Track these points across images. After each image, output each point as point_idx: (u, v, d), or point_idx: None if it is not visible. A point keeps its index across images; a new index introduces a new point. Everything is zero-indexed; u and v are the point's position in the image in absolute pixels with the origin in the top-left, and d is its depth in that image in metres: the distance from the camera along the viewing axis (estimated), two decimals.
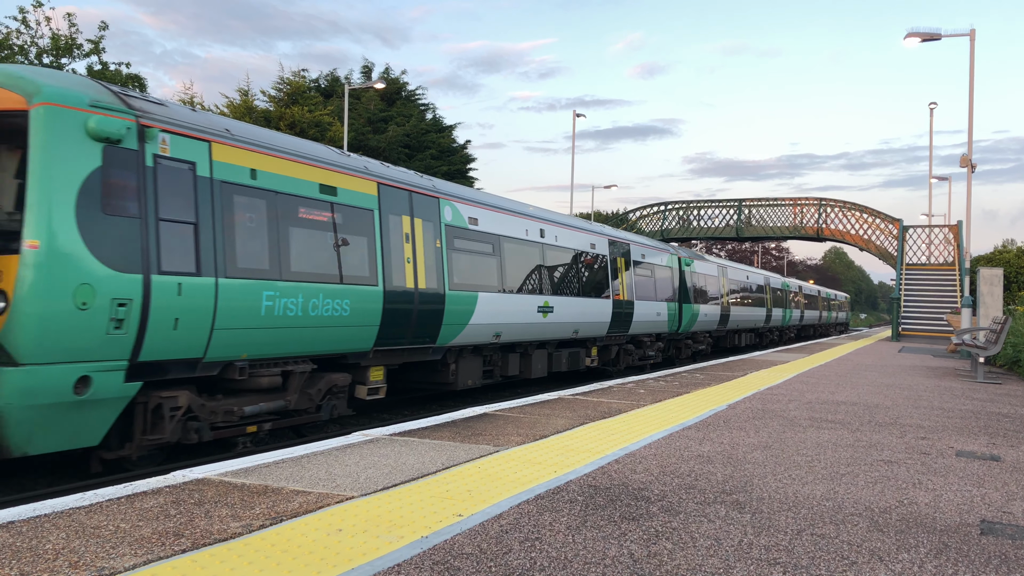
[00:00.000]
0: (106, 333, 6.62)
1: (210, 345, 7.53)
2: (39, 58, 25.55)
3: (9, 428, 6.07)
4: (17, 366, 6.09)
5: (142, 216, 6.96)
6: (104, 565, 3.36)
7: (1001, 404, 10.35)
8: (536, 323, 13.87)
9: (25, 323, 6.12)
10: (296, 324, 8.49)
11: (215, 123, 8.07)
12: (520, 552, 3.65)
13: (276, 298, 8.21)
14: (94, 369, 6.58)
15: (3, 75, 6.68)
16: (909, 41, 24.02)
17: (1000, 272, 23.33)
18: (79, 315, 6.41)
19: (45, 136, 6.40)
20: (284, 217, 8.55)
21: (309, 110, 35.44)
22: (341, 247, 9.30)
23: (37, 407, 6.21)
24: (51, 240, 6.28)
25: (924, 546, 3.92)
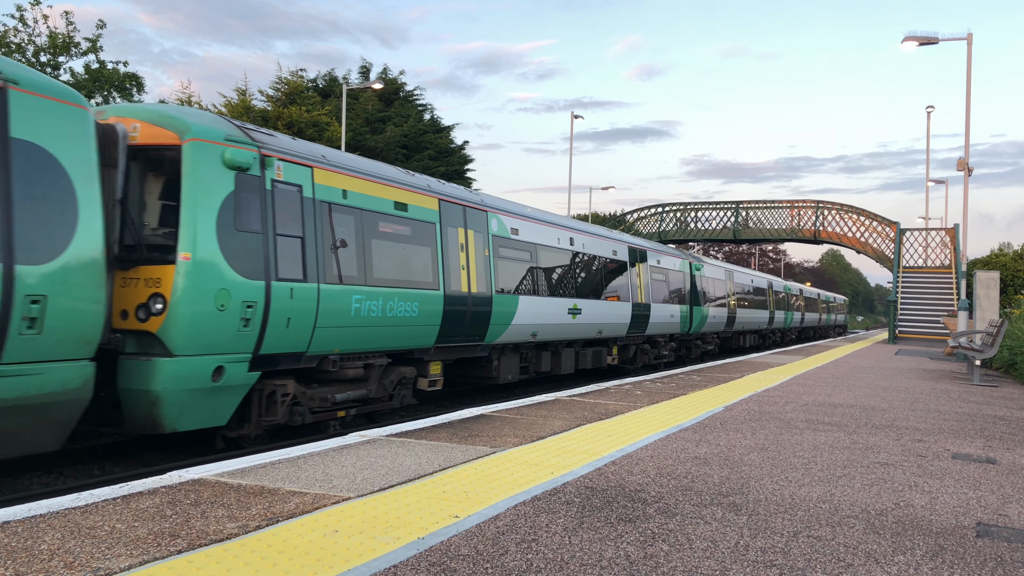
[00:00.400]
0: (237, 330, 7.96)
1: (312, 341, 8.91)
2: (36, 56, 25.51)
3: (164, 408, 7.39)
4: (172, 357, 7.41)
5: (264, 231, 8.34)
6: (100, 566, 3.35)
7: (997, 407, 10.37)
8: (566, 324, 15.19)
9: (179, 322, 7.43)
10: (376, 323, 9.87)
11: (314, 151, 9.43)
12: (517, 554, 3.64)
13: (362, 301, 9.60)
14: (227, 360, 7.93)
15: (159, 115, 7.99)
16: (906, 45, 24.08)
17: (996, 275, 23.36)
18: (218, 315, 7.74)
19: (194, 166, 7.73)
20: (368, 230, 9.94)
21: (307, 110, 35.42)
22: (411, 256, 10.74)
23: (185, 391, 7.55)
24: (199, 252, 7.60)
25: (920, 548, 3.92)
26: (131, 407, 7.45)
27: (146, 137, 7.87)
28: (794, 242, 45.23)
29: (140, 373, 7.40)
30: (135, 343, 7.51)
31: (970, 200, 42.05)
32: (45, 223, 6.28)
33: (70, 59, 26.49)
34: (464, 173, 45.67)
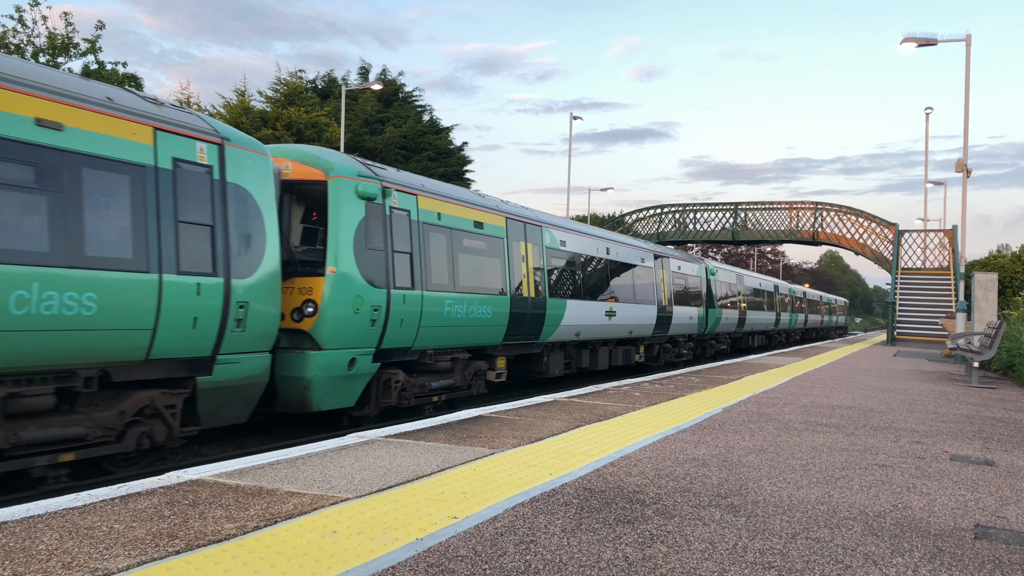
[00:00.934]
0: (366, 329, 9.74)
1: (416, 338, 10.76)
2: (35, 57, 25.50)
3: (314, 392, 9.12)
4: (321, 350, 9.16)
5: (385, 249, 10.16)
6: (97, 566, 3.35)
7: (995, 409, 10.37)
8: (603, 324, 17.04)
9: (327, 322, 9.20)
10: (461, 324, 11.75)
11: (415, 181, 11.43)
12: (515, 555, 3.64)
13: (452, 305, 11.47)
14: (358, 353, 9.70)
15: (307, 155, 9.84)
16: (905, 46, 24.11)
17: (995, 277, 23.39)
18: (354, 317, 9.52)
19: (336, 198, 9.55)
20: (455, 246, 11.86)
21: (306, 111, 35.42)
22: (486, 266, 12.63)
23: (330, 378, 9.30)
24: (341, 266, 9.38)
25: (918, 550, 3.93)
26: (286, 391, 9.13)
27: (297, 174, 9.72)
28: (793, 243, 45.29)
29: (295, 363, 9.11)
30: (289, 339, 9.19)
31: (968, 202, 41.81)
32: (248, 246, 8.16)
33: (69, 60, 26.47)
34: (463, 174, 45.66)
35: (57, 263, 6.31)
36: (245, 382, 8.22)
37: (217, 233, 7.82)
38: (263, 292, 8.27)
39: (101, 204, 6.83)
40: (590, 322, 16.18)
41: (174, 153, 7.53)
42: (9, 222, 6.09)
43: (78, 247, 6.52)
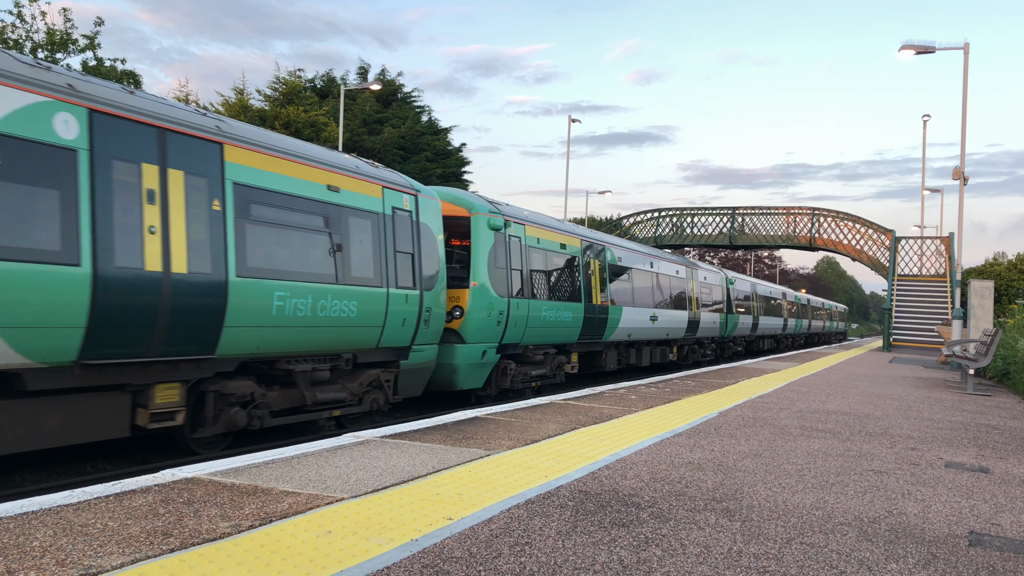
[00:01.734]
0: (493, 328, 12.80)
1: (524, 336, 13.84)
2: (34, 52, 25.45)
3: (459, 375, 12.26)
4: (465, 344, 12.32)
5: (506, 267, 13.28)
6: (91, 563, 3.34)
7: (990, 416, 10.39)
8: (648, 327, 20.14)
9: (470, 323, 12.39)
10: (552, 325, 14.80)
11: (523, 213, 14.55)
12: (510, 557, 3.64)
13: (547, 310, 14.54)
14: (487, 347, 12.81)
15: (455, 197, 13.12)
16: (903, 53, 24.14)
17: (991, 284, 23.44)
18: (487, 319, 12.63)
19: (476, 230, 12.83)
20: (549, 263, 15.04)
21: (304, 110, 35.39)
22: (568, 279, 15.72)
23: (470, 365, 12.45)
24: (479, 280, 12.56)
25: (912, 557, 3.93)
26: (439, 374, 12.16)
27: (448, 211, 12.65)
28: (790, 249, 45.32)
29: (446, 353, 12.18)
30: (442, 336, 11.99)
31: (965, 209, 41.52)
32: (430, 267, 11.32)
33: (67, 56, 26.43)
34: (461, 175, 45.65)
35: (340, 282, 9.44)
36: (425, 365, 11.50)
37: (415, 258, 11.02)
38: (438, 300, 11.51)
39: (357, 241, 9.87)
40: (639, 325, 19.35)
41: (393, 203, 10.71)
42: (317, 255, 9.19)
43: (348, 271, 9.62)
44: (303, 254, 9.00)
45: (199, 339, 7.71)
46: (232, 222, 8.10)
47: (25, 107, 6.37)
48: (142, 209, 7.18)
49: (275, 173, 8.73)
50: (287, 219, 8.85)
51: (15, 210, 6.24)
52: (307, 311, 8.88)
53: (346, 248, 9.60)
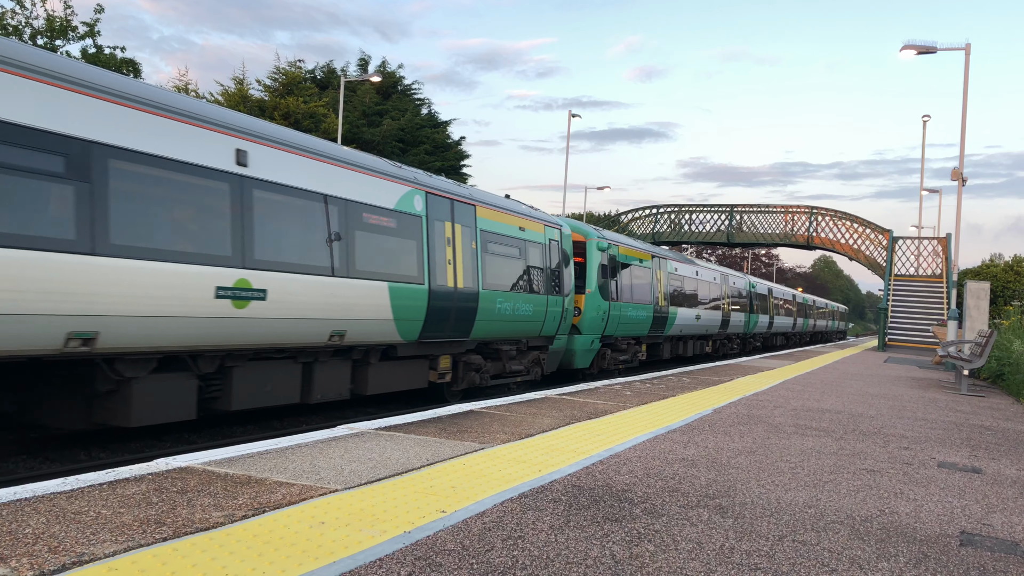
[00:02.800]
0: (599, 324, 17.21)
1: (616, 330, 18.19)
2: (33, 39, 25.35)
3: (576, 357, 16.44)
4: (581, 335, 16.55)
5: (607, 278, 17.64)
6: (84, 551, 3.34)
7: (984, 417, 10.42)
8: (694, 324, 24.81)
9: (585, 320, 16.68)
10: (632, 322, 19.30)
11: (618, 237, 18.99)
12: (503, 550, 3.65)
13: (631, 311, 19.02)
14: (595, 337, 17.18)
15: (576, 227, 17.30)
16: (905, 53, 24.14)
17: (987, 286, 23.47)
18: (596, 317, 17.04)
19: (591, 251, 17.19)
20: (633, 275, 19.38)
21: (304, 101, 35.32)
22: (643, 286, 20.10)
23: (584, 350, 16.68)
24: (592, 288, 16.93)
25: (904, 555, 3.94)
26: (564, 356, 16.34)
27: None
28: (787, 247, 45.35)
29: (569, 341, 16.29)
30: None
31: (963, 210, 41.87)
32: (567, 280, 15.50)
33: (67, 43, 26.35)
34: (460, 169, 45.60)
35: (525, 291, 13.72)
36: (561, 349, 15.91)
37: (561, 274, 15.22)
38: (571, 303, 15.63)
39: (532, 262, 14.21)
40: (688, 323, 23.99)
41: (549, 236, 15.13)
42: (514, 273, 13.53)
43: (529, 283, 13.95)
44: (509, 273, 13.45)
45: (464, 328, 12.10)
46: (480, 255, 12.57)
47: (404, 194, 10.86)
48: (446, 249, 11.62)
49: (496, 222, 13.31)
50: (501, 251, 13.32)
51: (403, 253, 10.64)
52: (510, 311, 13.26)
53: (527, 268, 14.07)
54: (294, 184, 8.84)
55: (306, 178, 9.06)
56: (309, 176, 9.11)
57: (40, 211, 6.36)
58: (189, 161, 7.63)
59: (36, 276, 6.24)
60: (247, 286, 8.07)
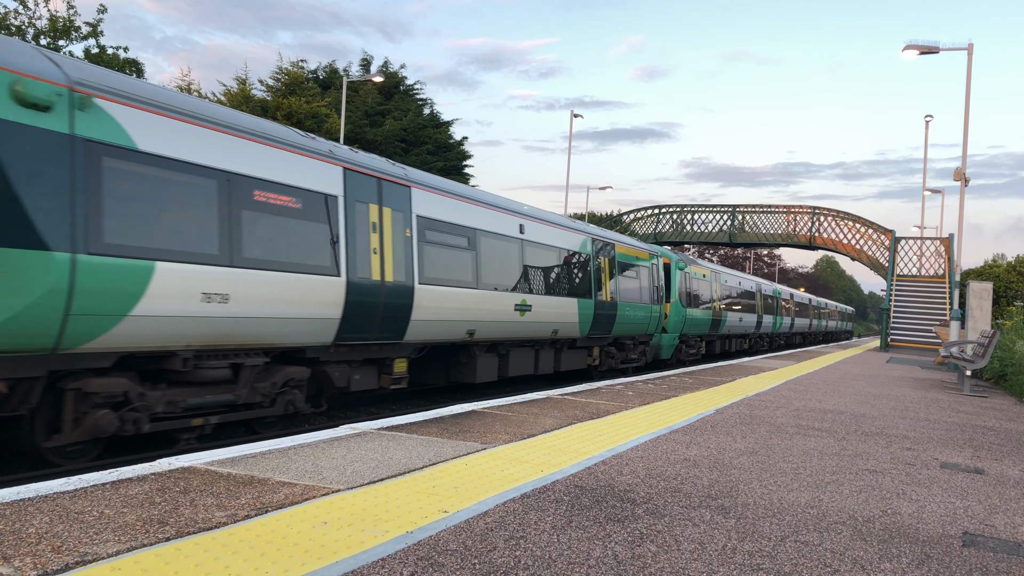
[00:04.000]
0: (680, 325, 22.32)
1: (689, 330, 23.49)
2: (36, 39, 25.38)
3: (663, 350, 21.35)
4: (667, 333, 21.56)
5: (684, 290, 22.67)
6: (87, 551, 3.35)
7: (986, 417, 10.41)
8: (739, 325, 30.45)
9: (671, 322, 21.78)
10: (701, 324, 24.39)
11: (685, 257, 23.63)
12: (505, 550, 3.65)
13: (699, 315, 24.18)
14: (676, 335, 22.17)
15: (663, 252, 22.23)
16: (907, 53, 24.12)
17: (990, 286, 23.44)
18: (678, 319, 22.18)
19: (673, 271, 22.22)
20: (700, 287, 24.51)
21: (306, 101, 35.33)
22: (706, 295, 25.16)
23: (669, 345, 21.74)
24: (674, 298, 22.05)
25: (906, 556, 3.94)
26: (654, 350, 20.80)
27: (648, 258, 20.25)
28: (789, 247, 45.34)
29: (660, 338, 20.95)
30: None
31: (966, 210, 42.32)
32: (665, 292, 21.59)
33: (70, 43, 26.37)
34: (462, 169, 45.60)
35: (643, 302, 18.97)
36: (658, 344, 20.90)
37: (660, 288, 20.23)
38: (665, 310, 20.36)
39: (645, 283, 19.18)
40: (734, 324, 29.42)
41: (653, 262, 20.10)
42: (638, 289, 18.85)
43: (643, 297, 18.99)
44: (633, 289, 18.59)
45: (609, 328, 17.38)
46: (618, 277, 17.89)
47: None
48: (602, 275, 17.44)
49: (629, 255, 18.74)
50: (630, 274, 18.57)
51: (584, 279, 15.55)
52: (632, 317, 18.32)
53: (641, 285, 19.16)
54: (547, 242, 14.77)
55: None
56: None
57: (462, 268, 11.85)
58: (505, 233, 13.32)
59: (457, 303, 11.58)
60: (525, 304, 13.52)
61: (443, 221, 11.52)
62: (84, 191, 6.59)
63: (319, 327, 9.10)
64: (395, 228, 10.47)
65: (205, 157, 7.77)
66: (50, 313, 6.32)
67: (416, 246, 10.79)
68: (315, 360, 9.43)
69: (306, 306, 8.84)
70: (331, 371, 9.64)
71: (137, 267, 7.00)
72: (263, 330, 8.35)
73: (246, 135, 8.31)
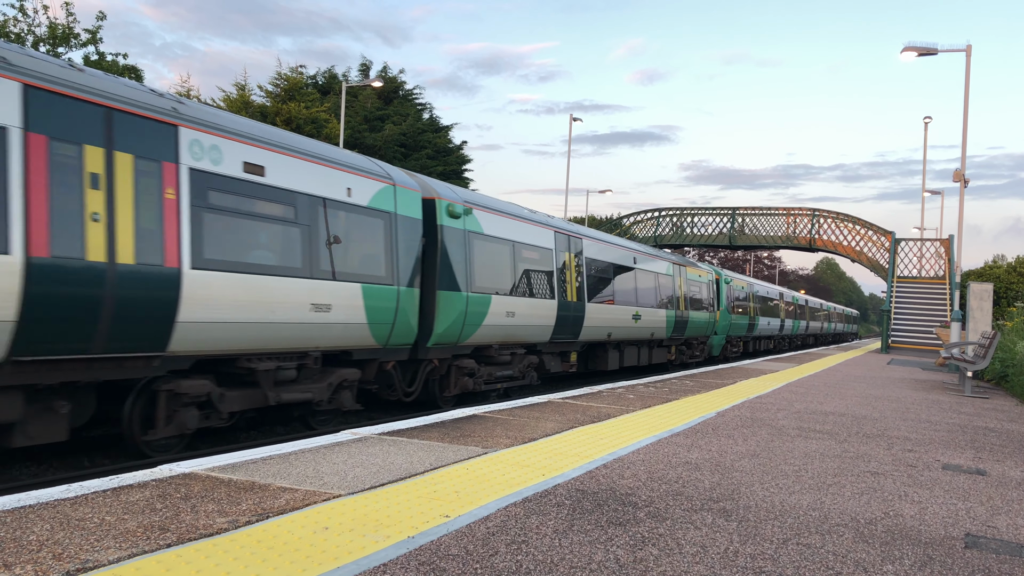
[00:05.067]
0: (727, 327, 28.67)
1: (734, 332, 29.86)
2: (36, 46, 25.41)
3: (714, 349, 27.52)
4: (717, 335, 27.72)
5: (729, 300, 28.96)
6: (88, 558, 3.34)
7: (988, 418, 10.40)
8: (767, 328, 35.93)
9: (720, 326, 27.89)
10: (741, 326, 30.81)
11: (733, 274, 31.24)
12: (506, 555, 3.64)
13: (740, 320, 30.47)
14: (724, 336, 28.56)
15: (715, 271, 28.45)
16: (906, 55, 24.15)
17: (990, 287, 23.43)
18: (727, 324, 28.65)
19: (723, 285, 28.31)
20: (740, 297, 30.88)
21: (306, 106, 35.35)
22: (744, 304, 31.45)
23: (718, 344, 27.99)
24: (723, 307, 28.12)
25: (909, 558, 3.94)
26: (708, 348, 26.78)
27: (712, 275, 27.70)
28: (789, 249, 45.41)
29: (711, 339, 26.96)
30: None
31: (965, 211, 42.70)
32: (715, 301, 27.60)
33: (69, 50, 26.39)
34: (462, 173, 45.62)
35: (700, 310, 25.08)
36: (713, 343, 26.95)
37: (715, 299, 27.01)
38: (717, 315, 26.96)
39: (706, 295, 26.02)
40: (764, 327, 35.06)
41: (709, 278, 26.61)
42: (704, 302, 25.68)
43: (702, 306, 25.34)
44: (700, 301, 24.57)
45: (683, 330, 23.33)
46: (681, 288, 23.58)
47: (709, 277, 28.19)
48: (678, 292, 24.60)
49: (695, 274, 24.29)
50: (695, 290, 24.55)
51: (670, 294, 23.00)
52: (697, 321, 24.11)
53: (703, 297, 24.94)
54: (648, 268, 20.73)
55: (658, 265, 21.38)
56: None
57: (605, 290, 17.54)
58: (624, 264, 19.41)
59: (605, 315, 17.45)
60: (638, 315, 19.15)
61: (599, 260, 17.39)
62: None
63: (545, 333, 14.70)
64: (577, 264, 16.11)
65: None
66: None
67: (586, 277, 16.40)
68: (538, 351, 14.92)
69: (543, 319, 14.43)
70: (545, 359, 15.20)
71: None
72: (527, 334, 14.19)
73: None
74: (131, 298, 7.06)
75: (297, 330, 8.82)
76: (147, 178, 7.30)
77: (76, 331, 6.69)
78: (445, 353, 12.01)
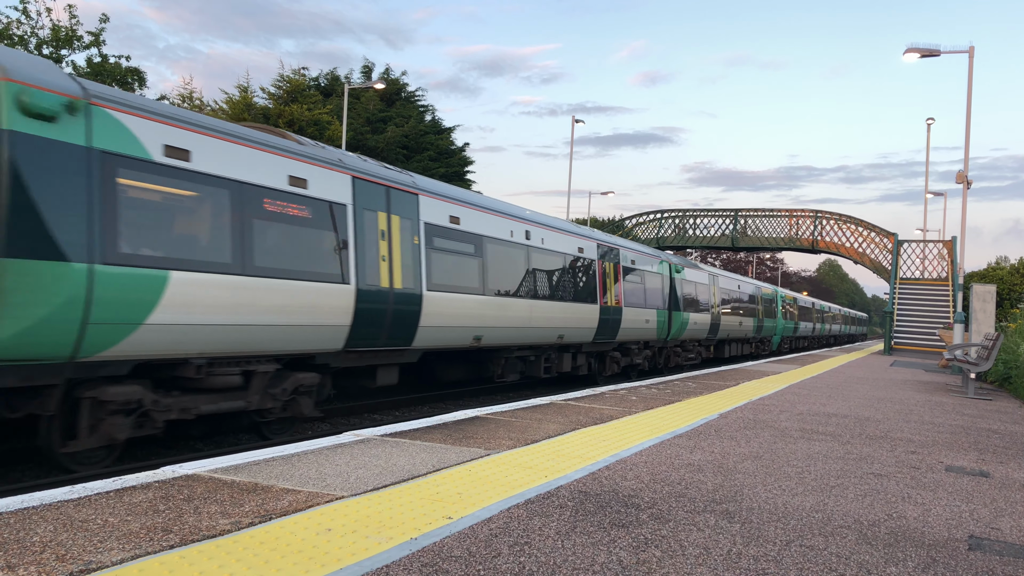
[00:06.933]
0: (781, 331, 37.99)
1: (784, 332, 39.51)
2: (39, 49, 25.48)
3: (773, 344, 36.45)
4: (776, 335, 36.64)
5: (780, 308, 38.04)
6: (91, 559, 3.35)
7: (991, 420, 10.38)
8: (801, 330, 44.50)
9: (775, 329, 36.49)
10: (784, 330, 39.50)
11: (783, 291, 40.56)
12: (509, 556, 3.64)
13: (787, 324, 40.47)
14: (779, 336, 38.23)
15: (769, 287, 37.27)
16: (908, 56, 24.12)
17: (993, 289, 23.41)
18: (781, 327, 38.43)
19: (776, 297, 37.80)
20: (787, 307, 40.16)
21: (308, 108, 35.39)
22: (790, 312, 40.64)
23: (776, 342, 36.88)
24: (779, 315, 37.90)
25: (912, 560, 3.93)
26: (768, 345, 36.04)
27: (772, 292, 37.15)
28: (792, 251, 45.37)
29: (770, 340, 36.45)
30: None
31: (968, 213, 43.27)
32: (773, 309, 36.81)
33: (72, 52, 26.46)
34: (464, 175, 45.63)
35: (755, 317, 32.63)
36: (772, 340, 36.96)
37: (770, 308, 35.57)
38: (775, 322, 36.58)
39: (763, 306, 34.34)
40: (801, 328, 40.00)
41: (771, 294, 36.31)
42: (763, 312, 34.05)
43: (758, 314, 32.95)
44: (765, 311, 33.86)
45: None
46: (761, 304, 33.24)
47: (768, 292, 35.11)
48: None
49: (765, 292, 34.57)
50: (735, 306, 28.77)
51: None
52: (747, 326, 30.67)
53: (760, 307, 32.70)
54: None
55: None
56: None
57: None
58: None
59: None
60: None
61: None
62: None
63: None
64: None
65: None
66: None
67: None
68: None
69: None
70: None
71: None
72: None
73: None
74: (614, 320, 13.56)
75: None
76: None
77: (608, 332, 13.23)
78: None
